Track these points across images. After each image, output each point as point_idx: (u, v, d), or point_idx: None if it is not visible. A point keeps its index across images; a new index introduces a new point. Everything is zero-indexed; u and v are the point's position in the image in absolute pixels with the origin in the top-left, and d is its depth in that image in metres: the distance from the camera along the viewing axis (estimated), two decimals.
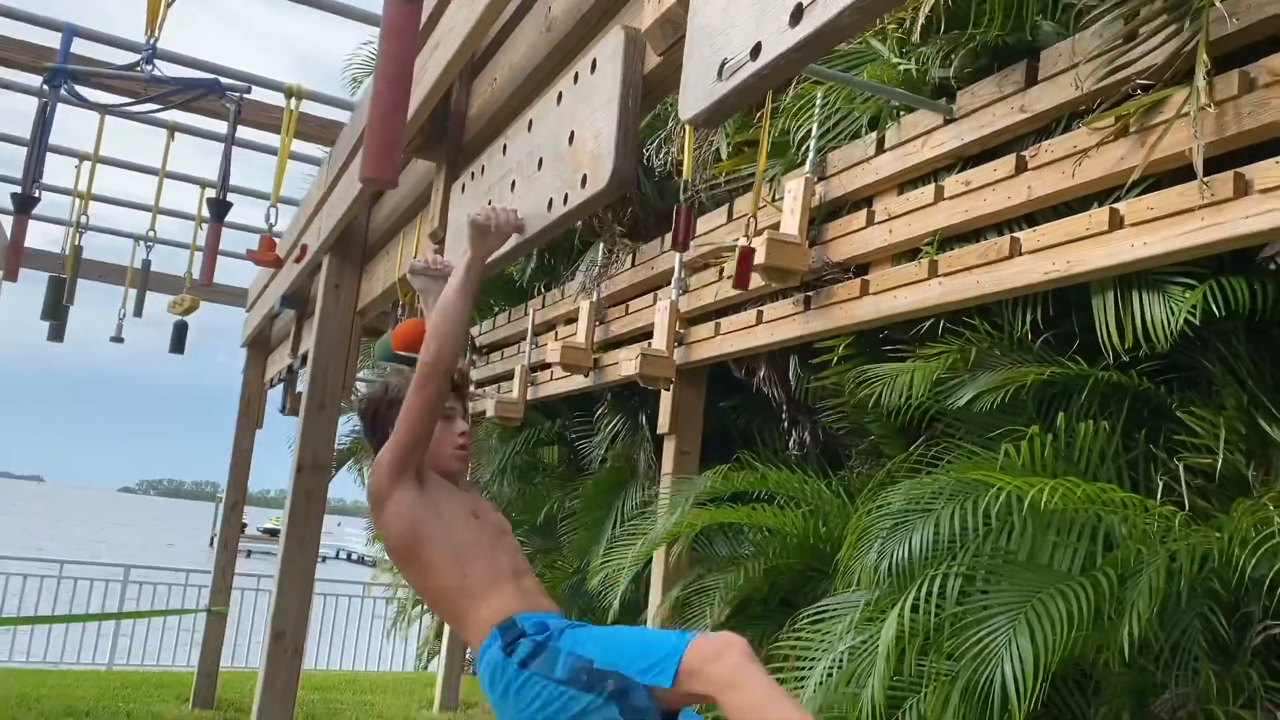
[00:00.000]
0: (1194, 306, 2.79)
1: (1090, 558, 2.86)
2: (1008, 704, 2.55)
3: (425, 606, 11.01)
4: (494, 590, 2.50)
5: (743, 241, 3.88)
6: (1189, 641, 2.76)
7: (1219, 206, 2.50)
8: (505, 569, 2.56)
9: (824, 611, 3.54)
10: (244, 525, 9.28)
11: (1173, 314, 2.88)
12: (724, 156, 4.77)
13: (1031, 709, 2.57)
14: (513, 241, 2.45)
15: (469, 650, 3.11)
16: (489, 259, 2.50)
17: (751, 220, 4.05)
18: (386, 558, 12.60)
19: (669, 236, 5.39)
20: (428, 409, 2.41)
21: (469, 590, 2.49)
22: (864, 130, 3.92)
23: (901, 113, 3.70)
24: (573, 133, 2.17)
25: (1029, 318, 3.44)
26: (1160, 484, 3.08)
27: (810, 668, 3.36)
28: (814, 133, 4.08)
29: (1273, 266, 2.92)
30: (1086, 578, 2.68)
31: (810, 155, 4.06)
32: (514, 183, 2.52)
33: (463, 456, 2.69)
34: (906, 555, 3.05)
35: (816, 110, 4.08)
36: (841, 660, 3.24)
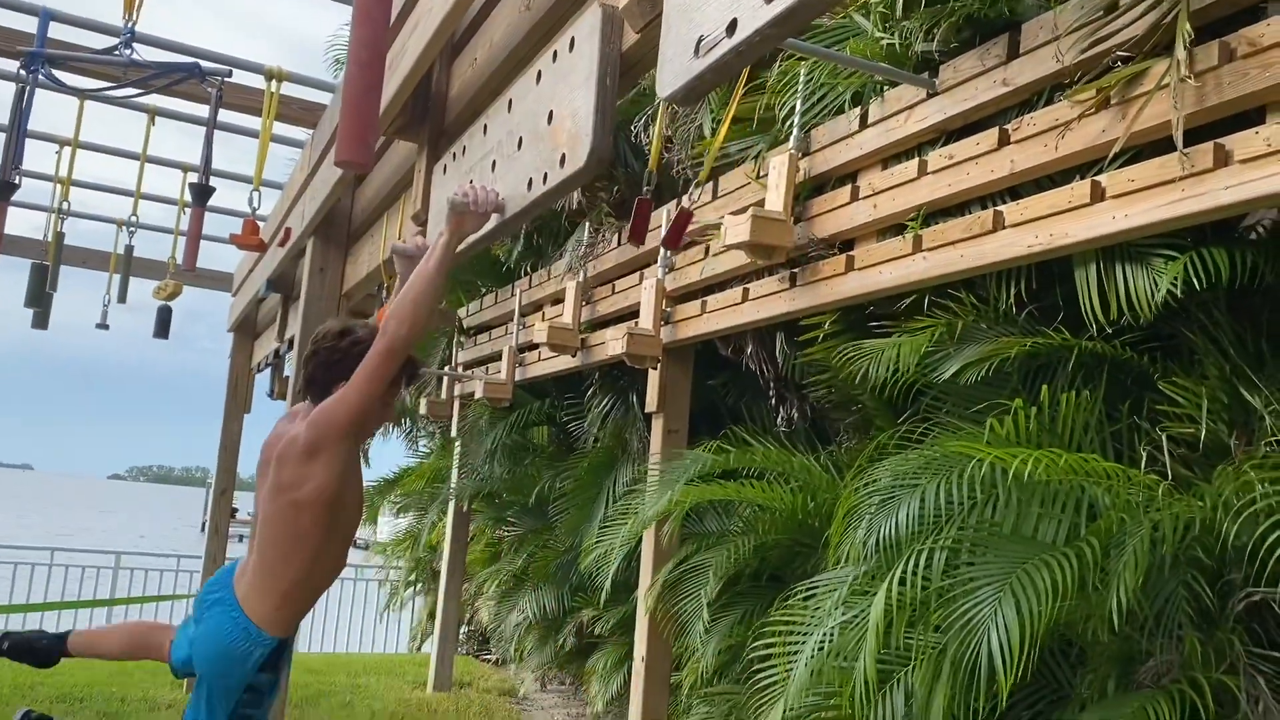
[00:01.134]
0: (1175, 278, 2.80)
1: (1075, 528, 2.88)
2: (995, 674, 2.57)
3: (419, 588, 11.05)
4: (308, 596, 2.72)
5: (686, 204, 3.89)
6: (1173, 609, 2.79)
7: (1199, 177, 2.51)
8: (331, 573, 2.76)
9: (815, 586, 3.56)
10: (235, 510, 9.28)
11: (1155, 286, 2.90)
12: (707, 134, 4.75)
13: (1019, 679, 2.60)
14: (493, 222, 2.44)
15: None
16: (466, 240, 2.50)
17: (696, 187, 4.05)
18: (384, 543, 12.57)
19: (654, 216, 5.39)
20: (390, 380, 2.50)
21: (306, 577, 2.64)
22: (848, 106, 3.91)
23: (885, 88, 3.69)
24: (551, 112, 2.17)
25: (1013, 291, 3.45)
26: (1144, 454, 3.11)
27: (802, 643, 3.39)
28: (798, 109, 4.07)
29: (1253, 236, 2.94)
30: (1071, 548, 2.70)
31: (794, 131, 4.06)
32: (494, 163, 2.51)
33: (372, 435, 2.84)
34: (893, 531, 3.07)
35: (800, 86, 4.07)
36: (833, 634, 3.26)
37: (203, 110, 4.35)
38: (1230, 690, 2.64)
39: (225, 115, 4.78)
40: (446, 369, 8.51)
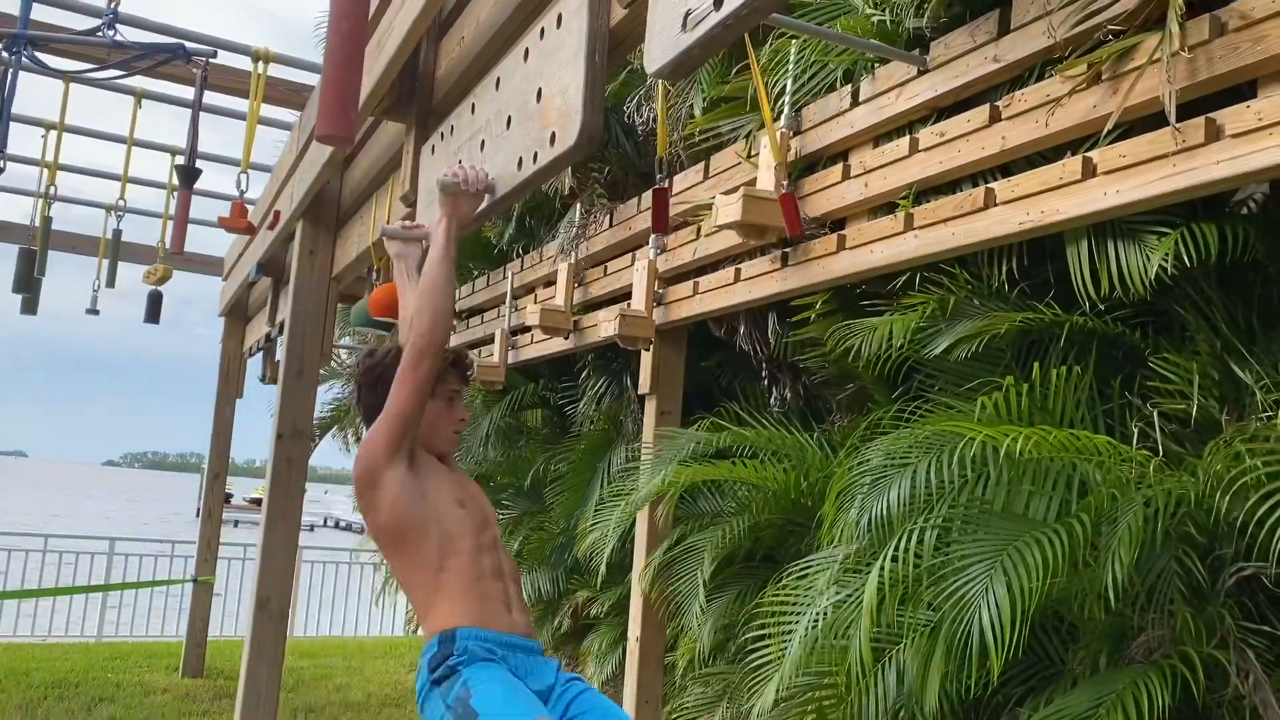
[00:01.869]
0: (1167, 254, 2.80)
1: (1066, 505, 2.89)
2: (986, 651, 2.58)
3: None
4: (461, 593, 2.46)
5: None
6: (1164, 585, 2.80)
7: (1191, 152, 2.50)
8: (483, 570, 2.52)
9: (808, 566, 3.57)
10: (229, 495, 9.27)
11: (1147, 262, 2.89)
12: (698, 113, 4.73)
13: (1010, 655, 2.60)
14: (484, 202, 2.43)
15: None
16: (465, 220, 2.48)
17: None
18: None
19: (646, 197, 5.37)
20: (423, 386, 2.36)
21: (441, 585, 2.45)
22: (839, 83, 3.89)
23: (876, 65, 3.67)
24: (540, 90, 2.15)
25: (1005, 268, 3.45)
26: (1135, 431, 3.11)
27: (795, 622, 3.40)
28: (789, 88, 4.05)
29: (1244, 211, 2.93)
30: (1061, 525, 2.70)
31: (785, 110, 4.04)
32: (483, 142, 2.49)
33: (457, 440, 2.67)
34: (885, 510, 3.07)
35: (791, 64, 4.05)
36: (826, 613, 3.27)
37: (190, 93, 4.32)
38: (1221, 664, 2.65)
39: (213, 98, 4.75)
40: None
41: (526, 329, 6.65)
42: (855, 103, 3.73)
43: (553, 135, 2.07)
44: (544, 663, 2.55)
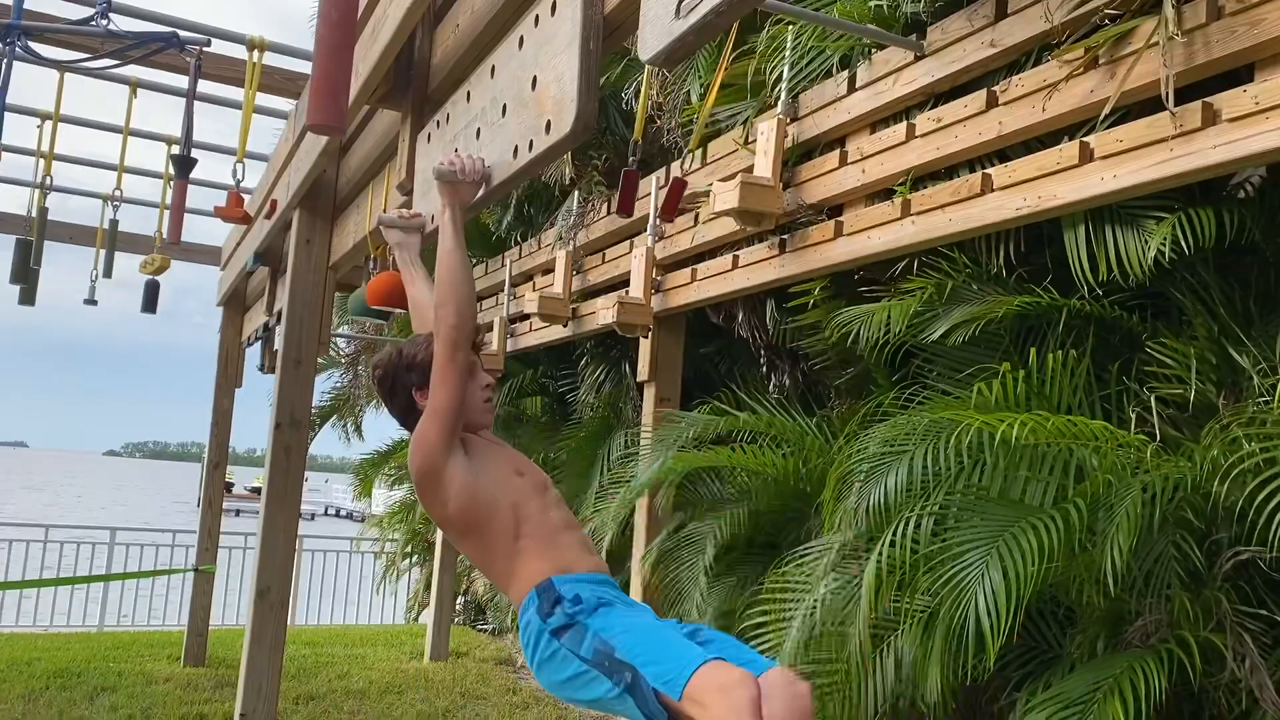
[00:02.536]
0: (1165, 238, 2.80)
1: (1062, 491, 2.89)
2: (983, 637, 2.58)
3: (415, 560, 11.08)
4: (542, 551, 2.47)
5: (677, 174, 3.87)
6: (1161, 569, 2.80)
7: (1188, 137, 2.49)
8: (556, 525, 2.53)
9: (808, 552, 3.58)
10: (230, 484, 9.27)
11: (1145, 246, 2.89)
12: (694, 99, 4.71)
13: (1006, 640, 2.61)
14: (482, 190, 2.42)
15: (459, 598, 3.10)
16: (466, 207, 2.47)
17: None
18: (379, 515, 12.63)
19: (644, 184, 5.36)
20: (462, 375, 2.38)
21: (521, 551, 2.46)
22: (835, 69, 3.88)
23: (873, 50, 3.66)
24: (535, 78, 2.14)
25: (1002, 253, 3.45)
26: (1133, 416, 3.11)
27: (794, 608, 3.40)
28: (785, 74, 4.04)
29: (1241, 195, 2.93)
30: (1057, 510, 2.71)
31: (782, 96, 4.03)
32: (479, 130, 2.48)
33: (489, 408, 2.67)
34: (882, 497, 3.08)
35: (788, 50, 4.03)
36: (825, 598, 3.28)
37: (185, 82, 4.30)
38: (1218, 648, 2.66)
39: (209, 87, 4.73)
40: None
41: (525, 317, 6.65)
42: (852, 89, 3.72)
43: (548, 123, 2.06)
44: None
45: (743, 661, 2.15)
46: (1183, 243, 2.77)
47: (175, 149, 4.61)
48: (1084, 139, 2.77)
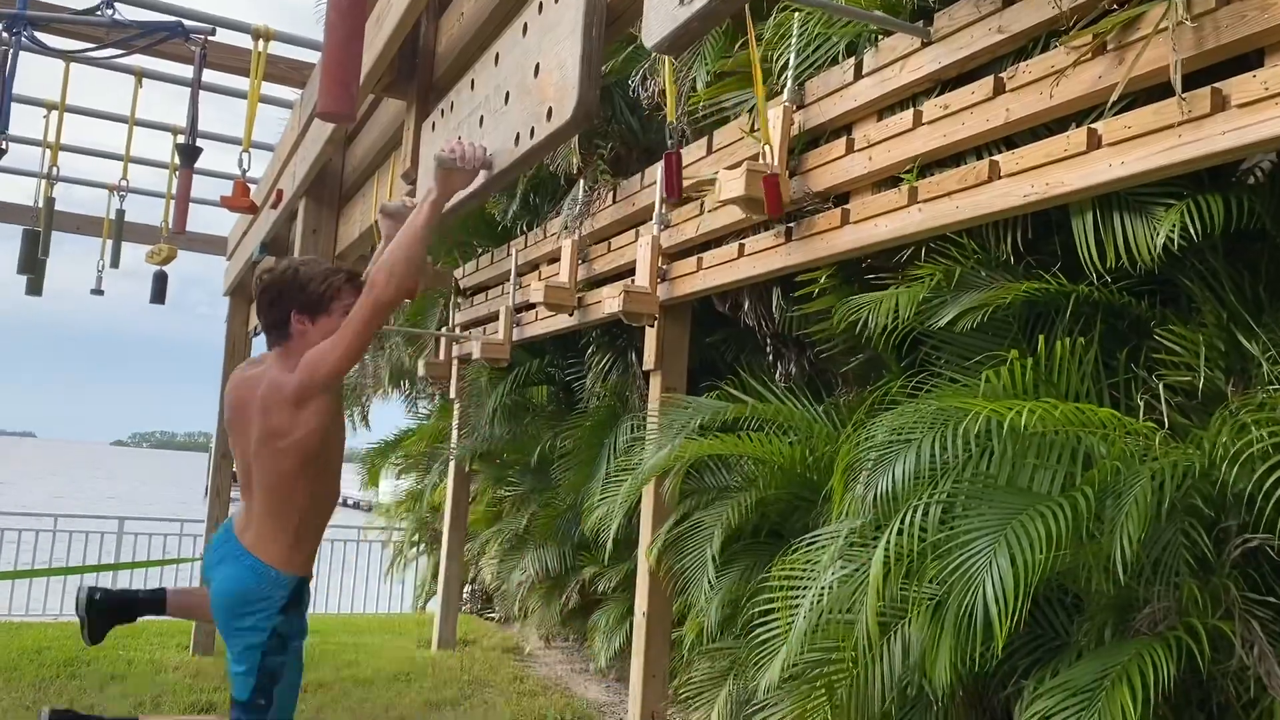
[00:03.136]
0: (1174, 225, 2.78)
1: (1070, 478, 2.88)
2: (991, 624, 2.58)
3: (422, 548, 11.11)
4: (311, 536, 2.82)
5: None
6: (1169, 557, 2.79)
7: (1196, 123, 2.48)
8: (326, 515, 2.87)
9: (814, 541, 3.57)
10: (235, 474, 9.30)
11: (1154, 233, 2.87)
12: (699, 87, 4.70)
13: (1014, 628, 2.61)
14: (481, 178, 2.42)
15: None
16: (455, 197, 2.49)
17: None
18: (386, 504, 12.64)
19: (649, 172, 5.35)
20: (372, 333, 2.58)
21: (305, 521, 2.76)
22: (842, 56, 3.86)
23: (879, 37, 3.64)
24: (538, 65, 2.13)
25: (1010, 241, 3.43)
26: (1141, 403, 3.10)
27: (801, 597, 3.40)
28: (791, 61, 4.02)
29: (1251, 181, 2.91)
30: (1065, 497, 2.70)
31: (789, 83, 4.01)
32: (482, 118, 2.48)
33: None
34: (891, 486, 3.07)
35: (794, 38, 4.02)
36: (831, 587, 3.28)
37: (190, 71, 4.30)
38: (1226, 636, 2.65)
39: (215, 77, 4.73)
40: (444, 330, 8.49)
41: (531, 306, 6.64)
42: (859, 76, 3.70)
43: (549, 110, 2.06)
44: None
45: None
46: (1191, 229, 2.76)
47: (181, 138, 4.61)
48: (1092, 125, 2.76)
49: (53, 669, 6.68)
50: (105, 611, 3.30)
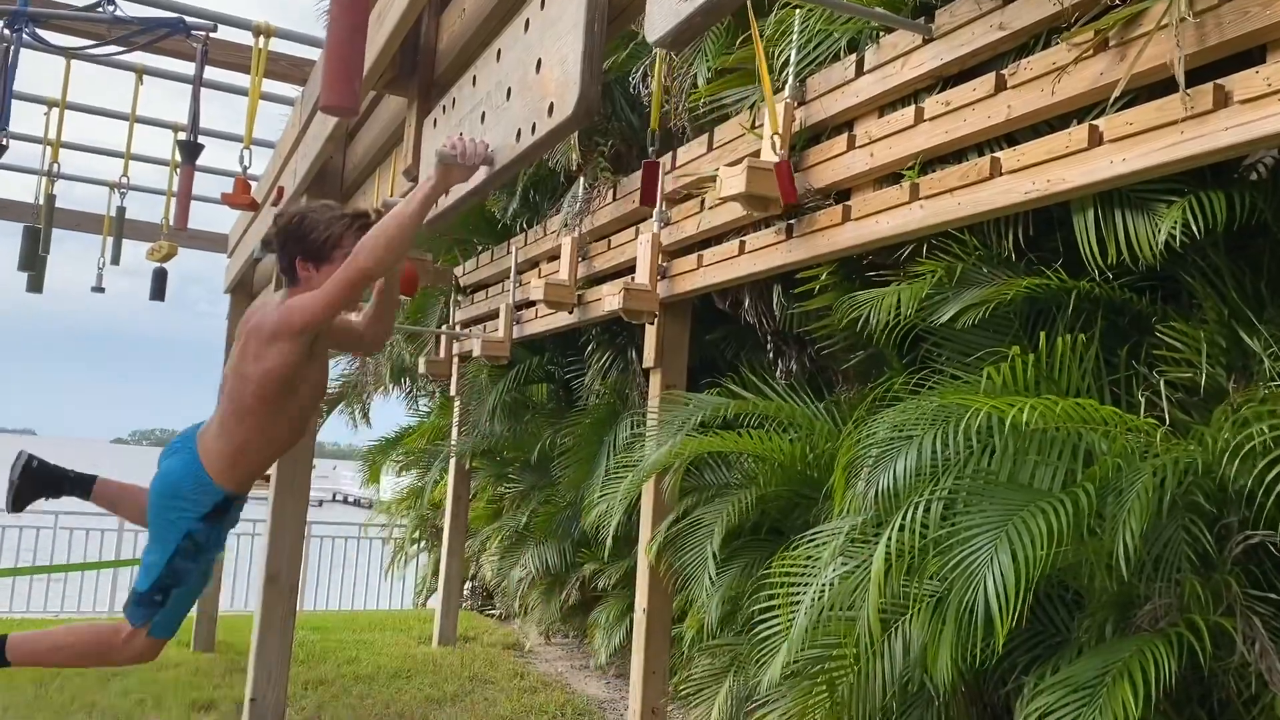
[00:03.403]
0: (1176, 222, 2.78)
1: (1071, 475, 2.88)
2: (992, 621, 2.58)
3: (422, 545, 11.12)
4: (258, 459, 2.95)
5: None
6: (1171, 553, 2.80)
7: (1199, 119, 2.48)
8: (278, 447, 2.99)
9: (815, 537, 3.57)
10: None
11: (1155, 230, 2.87)
12: (700, 83, 4.69)
13: (1015, 624, 2.61)
14: (482, 174, 2.41)
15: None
16: (450, 191, 2.51)
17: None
18: (387, 502, 12.66)
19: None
20: (349, 296, 2.72)
21: (257, 445, 2.90)
22: (843, 53, 3.86)
23: (881, 33, 3.64)
24: (540, 60, 2.13)
25: (1012, 236, 3.43)
26: (1142, 400, 3.10)
27: (802, 594, 3.40)
28: (793, 58, 4.02)
29: (1254, 177, 2.91)
30: (1066, 494, 2.70)
31: (789, 80, 4.01)
32: (484, 114, 2.48)
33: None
34: (892, 482, 3.07)
35: (795, 34, 4.01)
36: (833, 583, 3.28)
37: (192, 68, 4.30)
38: (1227, 632, 2.65)
39: (216, 74, 4.73)
40: (444, 328, 8.50)
41: (531, 303, 6.64)
42: (860, 72, 3.70)
43: (551, 106, 2.06)
44: None
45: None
46: (1193, 226, 2.76)
47: (182, 135, 4.61)
48: (1093, 122, 2.76)
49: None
50: (35, 480, 3.34)
